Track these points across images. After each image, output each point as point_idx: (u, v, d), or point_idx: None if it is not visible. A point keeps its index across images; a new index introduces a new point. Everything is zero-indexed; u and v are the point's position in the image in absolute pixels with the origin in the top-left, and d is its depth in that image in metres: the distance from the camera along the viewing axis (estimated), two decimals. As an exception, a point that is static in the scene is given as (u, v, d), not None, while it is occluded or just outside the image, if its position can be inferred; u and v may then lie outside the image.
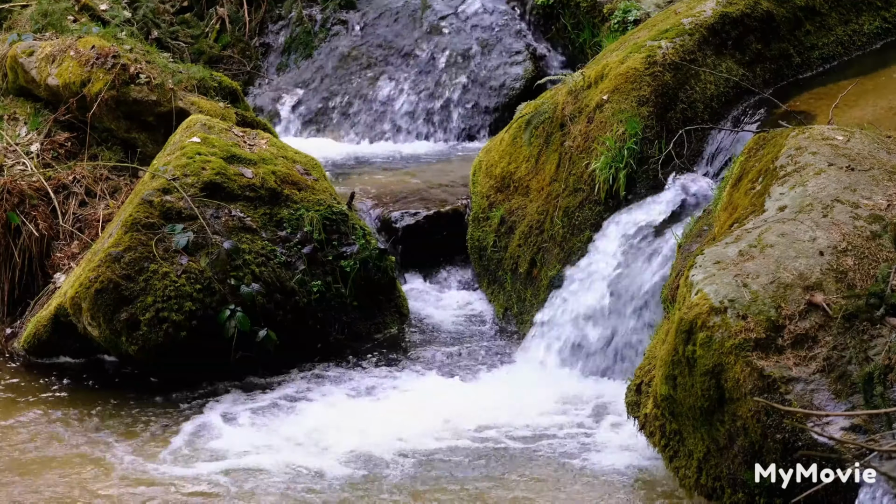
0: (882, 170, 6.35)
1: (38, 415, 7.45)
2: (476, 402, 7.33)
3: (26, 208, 8.71)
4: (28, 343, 8.16)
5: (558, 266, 7.98)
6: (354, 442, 6.91)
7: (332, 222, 8.23)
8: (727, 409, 5.72)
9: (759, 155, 6.72)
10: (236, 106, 9.44)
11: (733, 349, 5.67)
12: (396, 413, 7.25)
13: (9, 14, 10.79)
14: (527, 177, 8.42)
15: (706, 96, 8.02)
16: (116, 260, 7.68)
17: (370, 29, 11.68)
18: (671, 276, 7.10)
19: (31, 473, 6.71)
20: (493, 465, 6.69)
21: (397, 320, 8.37)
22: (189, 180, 8.01)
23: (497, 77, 11.03)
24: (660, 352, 6.26)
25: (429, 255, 9.06)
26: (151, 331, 7.61)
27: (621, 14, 10.19)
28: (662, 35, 8.18)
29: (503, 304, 8.44)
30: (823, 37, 8.60)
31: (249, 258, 7.88)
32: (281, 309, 7.91)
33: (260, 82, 11.71)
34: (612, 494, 6.33)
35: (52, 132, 9.26)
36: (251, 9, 11.99)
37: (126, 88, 9.05)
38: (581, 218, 7.95)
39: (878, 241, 5.97)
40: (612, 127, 7.89)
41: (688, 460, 6.11)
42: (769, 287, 5.80)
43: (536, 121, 8.45)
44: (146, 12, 11.46)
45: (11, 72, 9.60)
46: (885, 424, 5.37)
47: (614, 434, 6.90)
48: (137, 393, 7.71)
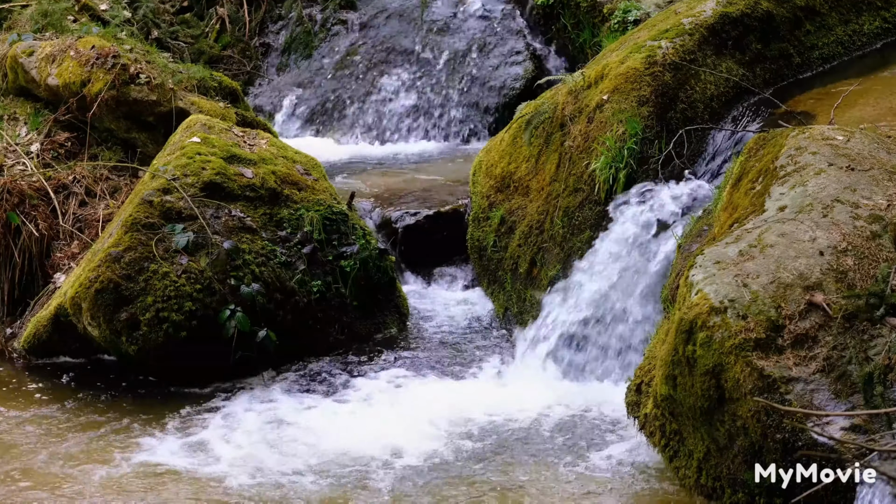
0: (882, 170, 6.35)
1: (38, 415, 7.45)
2: (476, 402, 7.33)
3: (26, 208, 8.71)
4: (28, 343, 8.16)
5: (558, 266, 7.98)
6: (354, 442, 6.91)
7: (332, 222, 8.23)
8: (727, 409, 5.72)
9: (760, 155, 6.71)
10: (236, 106, 9.44)
11: (733, 349, 5.67)
12: (396, 413, 7.25)
13: (9, 14, 10.79)
14: (527, 177, 8.42)
15: (706, 96, 8.02)
16: (116, 260, 7.68)
17: (370, 29, 11.68)
18: (671, 276, 7.10)
19: (31, 473, 6.71)
20: (491, 466, 6.69)
21: (397, 320, 8.37)
22: (189, 180, 8.01)
23: (497, 77, 11.04)
24: (660, 352, 6.26)
25: (429, 255, 9.06)
26: (151, 331, 7.61)
27: (621, 14, 10.19)
28: (662, 35, 8.18)
29: (503, 304, 8.44)
30: (823, 37, 8.60)
31: (249, 258, 7.88)
32: (281, 309, 7.91)
33: (260, 82, 11.71)
34: (612, 494, 6.33)
35: (52, 132, 9.26)
36: (251, 9, 11.99)
37: (126, 88, 9.05)
38: (581, 218, 7.95)
39: (878, 241, 5.97)
40: (612, 127, 7.89)
41: (688, 460, 6.11)
42: (769, 287, 5.80)
43: (536, 121, 8.45)
44: (146, 12, 11.46)
45: (11, 72, 9.60)
46: (885, 424, 5.37)
47: (614, 434, 6.90)
48: (137, 393, 7.71)
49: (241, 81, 11.37)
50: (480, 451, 6.86)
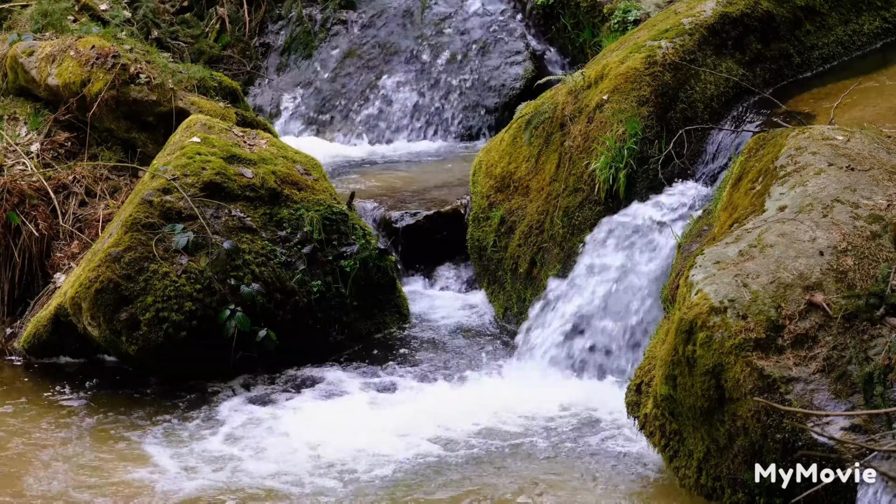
0: (882, 170, 6.35)
1: (38, 415, 7.45)
2: (476, 402, 7.33)
3: (26, 208, 8.71)
4: (28, 343, 8.16)
5: (558, 266, 7.98)
6: (354, 442, 6.91)
7: (332, 222, 8.23)
8: (727, 409, 5.72)
9: (759, 155, 6.71)
10: (236, 106, 9.44)
11: (733, 349, 5.67)
12: (396, 413, 7.25)
13: (9, 14, 10.79)
14: (527, 177, 8.42)
15: (706, 96, 8.02)
16: (116, 260, 7.68)
17: (370, 29, 11.68)
18: (671, 276, 7.10)
19: (32, 472, 6.71)
20: (491, 466, 6.69)
21: (397, 320, 8.38)
22: (189, 180, 8.01)
23: (497, 77, 11.03)
24: (660, 352, 6.26)
25: (429, 255, 9.06)
26: (151, 331, 7.61)
27: (621, 14, 10.19)
28: (662, 35, 8.18)
29: (503, 303, 8.44)
30: (823, 37, 8.60)
31: (249, 258, 7.89)
32: (281, 309, 7.91)
33: (260, 82, 11.72)
34: (612, 494, 6.33)
35: (52, 132, 9.27)
36: (251, 9, 11.99)
37: (126, 88, 9.05)
38: (581, 218, 7.95)
39: (878, 241, 5.97)
40: (612, 127, 7.89)
41: (688, 460, 6.11)
42: (769, 287, 5.80)
43: (536, 121, 8.45)
44: (146, 12, 11.46)
45: (11, 72, 9.60)
46: (885, 424, 5.37)
47: (614, 434, 6.90)
48: (137, 393, 7.71)
49: (241, 81, 11.36)
50: (479, 450, 6.86)
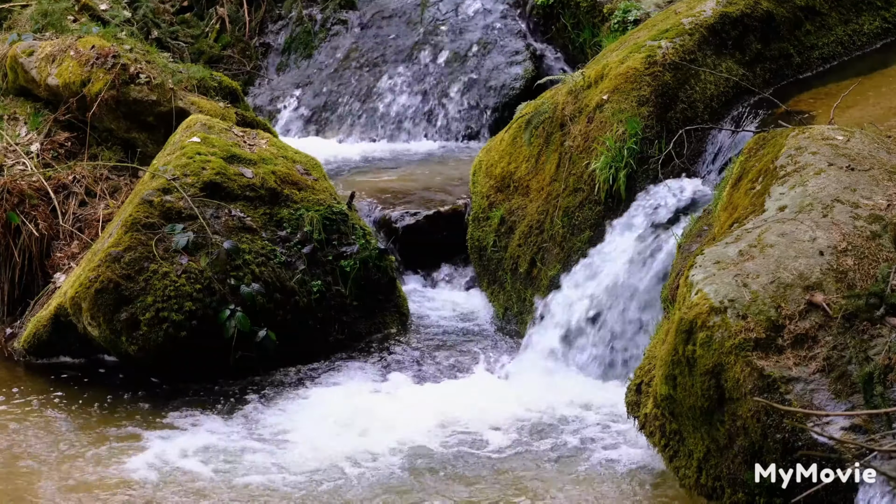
0: (882, 170, 6.35)
1: (38, 415, 7.45)
2: (476, 402, 7.33)
3: (26, 208, 8.71)
4: (28, 343, 8.16)
5: (558, 266, 7.98)
6: (353, 442, 6.91)
7: (332, 222, 8.23)
8: (727, 409, 5.72)
9: (759, 155, 6.71)
10: (236, 106, 9.44)
11: (733, 349, 5.67)
12: (396, 413, 7.24)
13: (9, 14, 10.79)
14: (527, 177, 8.42)
15: (706, 96, 8.02)
16: (116, 260, 7.68)
17: (370, 29, 11.68)
18: (671, 275, 7.10)
19: (32, 472, 6.71)
20: (491, 465, 6.69)
21: (397, 320, 8.37)
22: (189, 180, 8.01)
23: (497, 77, 11.03)
24: (660, 352, 6.26)
25: (429, 255, 9.06)
26: (151, 331, 7.61)
27: (621, 14, 10.19)
28: (662, 35, 8.18)
29: (503, 303, 8.44)
30: (823, 37, 8.60)
31: (249, 258, 7.89)
32: (281, 309, 7.91)
33: (260, 82, 11.72)
34: (612, 494, 6.33)
35: (52, 132, 9.26)
36: (251, 9, 12.00)
37: (126, 88, 9.05)
38: (581, 218, 7.95)
39: (878, 241, 5.97)
40: (612, 127, 7.89)
41: (688, 460, 6.11)
42: (769, 287, 5.80)
43: (536, 121, 8.45)
44: (146, 12, 11.47)
45: (11, 72, 9.60)
46: (885, 424, 5.37)
47: (614, 434, 6.90)
48: (138, 394, 7.71)
49: (241, 81, 11.37)
50: (479, 450, 6.86)
